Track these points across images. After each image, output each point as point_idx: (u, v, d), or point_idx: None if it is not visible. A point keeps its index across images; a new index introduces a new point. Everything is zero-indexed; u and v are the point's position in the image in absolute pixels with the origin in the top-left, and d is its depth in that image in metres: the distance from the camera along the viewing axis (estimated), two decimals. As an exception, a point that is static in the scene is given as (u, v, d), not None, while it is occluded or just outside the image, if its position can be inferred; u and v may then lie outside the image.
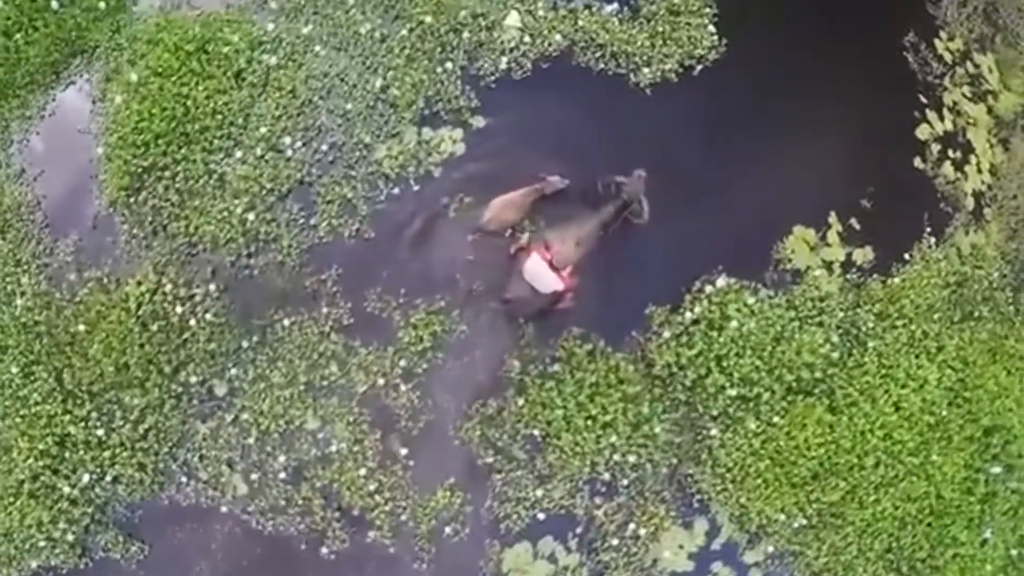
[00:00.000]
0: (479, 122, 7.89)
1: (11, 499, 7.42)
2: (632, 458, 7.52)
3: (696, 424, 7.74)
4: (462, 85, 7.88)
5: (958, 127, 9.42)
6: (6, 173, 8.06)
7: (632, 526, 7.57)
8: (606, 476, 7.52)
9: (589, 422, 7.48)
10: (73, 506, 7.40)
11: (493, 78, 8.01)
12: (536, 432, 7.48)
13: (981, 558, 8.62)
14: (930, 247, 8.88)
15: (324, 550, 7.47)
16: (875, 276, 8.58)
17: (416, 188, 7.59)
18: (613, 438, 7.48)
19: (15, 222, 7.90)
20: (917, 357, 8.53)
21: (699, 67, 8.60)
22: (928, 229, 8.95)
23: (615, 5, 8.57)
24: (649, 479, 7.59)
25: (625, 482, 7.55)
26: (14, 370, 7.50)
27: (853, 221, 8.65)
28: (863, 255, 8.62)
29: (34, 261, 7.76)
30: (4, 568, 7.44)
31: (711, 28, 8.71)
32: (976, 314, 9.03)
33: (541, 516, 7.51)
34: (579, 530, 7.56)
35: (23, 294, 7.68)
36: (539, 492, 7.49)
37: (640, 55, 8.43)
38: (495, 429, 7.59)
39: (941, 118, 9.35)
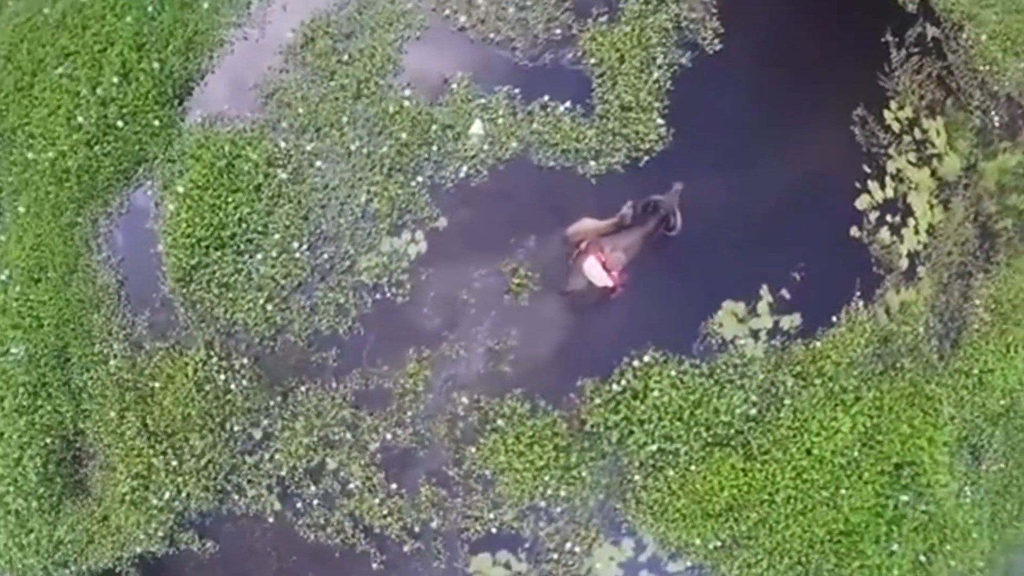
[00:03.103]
0: (441, 223, 9.65)
1: (119, 505, 10.17)
2: (563, 493, 9.47)
3: (622, 470, 9.57)
4: (428, 196, 9.59)
5: (899, 193, 10.23)
6: (97, 259, 10.45)
7: (568, 544, 9.57)
8: (543, 505, 9.54)
9: (527, 465, 9.42)
10: (160, 512, 10.04)
11: (452, 185, 9.67)
12: (487, 472, 9.54)
13: (888, 565, 10.04)
14: (858, 309, 9.98)
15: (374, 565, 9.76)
16: (799, 340, 9.87)
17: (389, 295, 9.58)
18: (547, 478, 9.43)
19: (106, 299, 10.32)
20: (833, 409, 9.79)
21: (645, 158, 9.86)
22: (858, 292, 10.02)
23: (568, 104, 9.85)
24: (579, 509, 9.54)
25: (559, 510, 9.55)
26: (112, 415, 10.10)
27: (784, 292, 9.86)
28: (790, 321, 9.80)
29: (121, 331, 10.21)
30: (118, 551, 10.28)
31: (659, 121, 9.86)
32: (898, 365, 10.13)
33: (494, 531, 9.63)
34: (527, 545, 9.64)
35: (115, 356, 10.19)
36: (492, 515, 9.57)
37: (588, 150, 9.76)
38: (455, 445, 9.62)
39: (883, 187, 10.16)
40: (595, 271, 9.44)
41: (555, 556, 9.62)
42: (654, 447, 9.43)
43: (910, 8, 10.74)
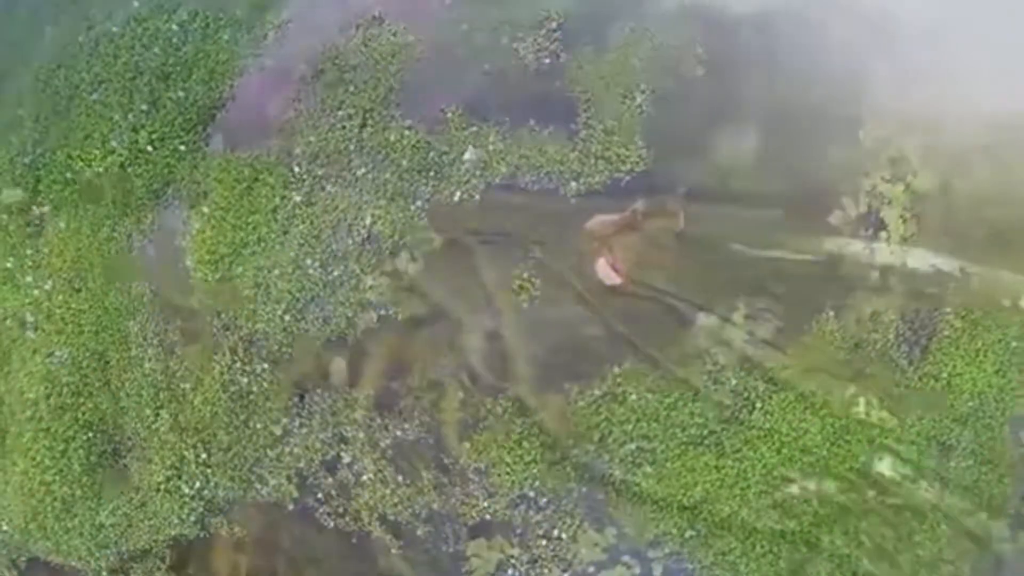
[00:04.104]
0: (437, 242, 10.53)
1: (155, 492, 11.34)
2: (550, 484, 10.39)
3: (603, 465, 10.44)
4: (425, 220, 10.47)
5: (873, 208, 10.82)
6: (132, 270, 11.56)
7: (556, 531, 10.51)
8: (531, 494, 10.45)
9: (517, 458, 10.37)
10: (191, 500, 11.22)
11: (447, 208, 10.53)
12: (481, 465, 10.49)
13: (857, 555, 10.65)
14: (828, 319, 10.63)
15: (394, 551, 10.75)
16: (772, 348, 10.58)
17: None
18: (535, 470, 10.37)
19: (141, 308, 11.42)
20: (802, 412, 10.56)
21: (626, 179, 10.60)
22: (830, 303, 10.66)
23: (552, 128, 10.59)
24: (565, 499, 10.45)
25: (545, 500, 10.46)
26: (147, 412, 11.25)
27: (758, 303, 10.54)
28: (765, 331, 10.57)
29: (155, 337, 11.32)
30: (154, 534, 11.48)
31: (640, 143, 10.57)
32: (868, 371, 10.81)
33: (489, 518, 10.55)
34: (519, 531, 10.58)
35: (150, 359, 11.32)
36: (487, 503, 10.52)
37: (571, 172, 10.53)
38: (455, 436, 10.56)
39: (856, 203, 10.77)
40: (604, 270, 10.38)
41: (544, 542, 10.55)
42: (633, 446, 10.28)
43: (889, 31, 11.24)
